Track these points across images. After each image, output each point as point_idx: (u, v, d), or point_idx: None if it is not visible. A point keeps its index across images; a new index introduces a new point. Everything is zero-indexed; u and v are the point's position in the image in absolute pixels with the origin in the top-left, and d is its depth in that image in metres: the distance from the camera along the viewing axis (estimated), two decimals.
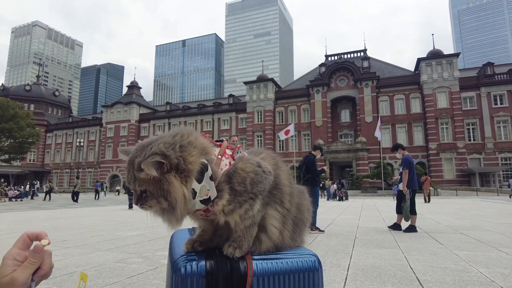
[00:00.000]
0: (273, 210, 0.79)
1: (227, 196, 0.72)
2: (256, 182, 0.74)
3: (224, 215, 0.74)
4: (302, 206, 0.87)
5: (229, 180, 0.73)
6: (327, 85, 48.79)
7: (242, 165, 0.76)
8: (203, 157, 0.72)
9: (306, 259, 0.74)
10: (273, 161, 0.87)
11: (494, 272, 3.21)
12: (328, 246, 4.82)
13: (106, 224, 7.77)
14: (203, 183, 0.71)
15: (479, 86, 42.26)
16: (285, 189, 0.82)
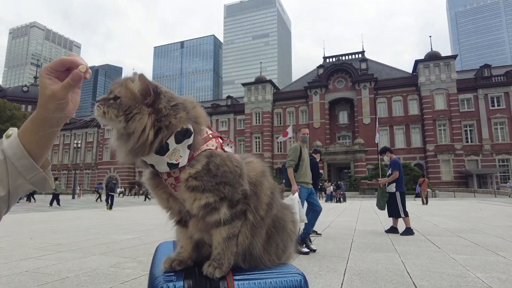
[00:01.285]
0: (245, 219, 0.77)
1: (198, 169, 0.70)
2: (229, 177, 0.72)
3: (187, 190, 0.70)
4: (282, 221, 0.83)
5: (208, 158, 0.72)
6: (325, 86, 48.87)
7: (225, 154, 0.75)
8: (190, 124, 0.71)
9: (291, 278, 0.71)
10: (260, 168, 0.83)
11: (492, 277, 3.19)
12: (325, 249, 4.78)
13: (101, 227, 7.71)
14: (179, 147, 0.70)
15: (477, 88, 42.44)
16: (263, 197, 0.78)
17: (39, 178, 0.62)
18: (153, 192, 0.78)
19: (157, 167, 0.71)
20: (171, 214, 0.81)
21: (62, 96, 0.61)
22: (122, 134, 0.69)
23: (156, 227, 7.74)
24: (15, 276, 3.23)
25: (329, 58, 55.75)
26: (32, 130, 0.62)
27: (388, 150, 6.99)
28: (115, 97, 0.69)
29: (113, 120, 0.68)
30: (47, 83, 0.61)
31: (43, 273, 3.32)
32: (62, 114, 0.63)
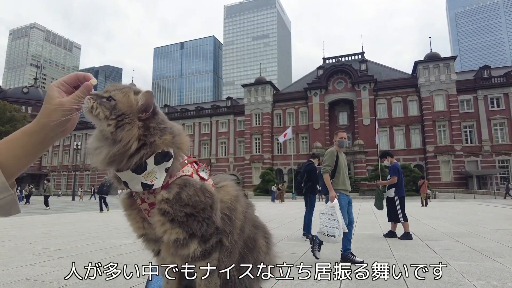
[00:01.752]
0: (220, 244, 0.78)
1: (172, 194, 0.71)
2: (199, 209, 0.72)
3: (158, 213, 0.70)
4: (253, 241, 0.85)
5: (181, 188, 0.72)
6: (325, 88, 48.92)
7: (198, 185, 0.75)
8: (172, 148, 0.72)
9: None
10: (234, 193, 0.85)
11: (487, 285, 3.21)
12: (323, 255, 4.80)
13: (101, 231, 7.73)
14: (156, 168, 0.69)
15: (476, 89, 42.48)
16: (237, 222, 0.81)
17: (8, 201, 0.56)
18: (126, 212, 0.79)
19: (130, 185, 0.71)
20: (147, 244, 0.81)
21: (70, 108, 0.61)
22: (107, 137, 0.68)
23: None
24: (14, 284, 3.25)
25: (328, 59, 55.83)
26: (18, 144, 0.59)
27: (389, 154, 7.03)
28: (109, 97, 0.69)
29: (100, 119, 0.68)
30: (54, 95, 0.62)
31: (42, 281, 3.35)
32: (62, 128, 0.62)
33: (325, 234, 4.26)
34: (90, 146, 0.72)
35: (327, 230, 4.24)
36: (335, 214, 4.26)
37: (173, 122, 0.78)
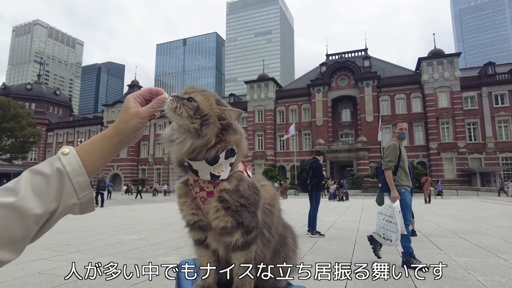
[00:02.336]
0: (261, 235, 0.85)
1: (232, 186, 0.80)
2: (250, 201, 0.81)
3: (217, 200, 0.79)
4: (284, 238, 0.92)
5: (238, 181, 0.81)
6: (328, 84, 48.79)
7: (250, 180, 0.85)
8: (235, 147, 0.82)
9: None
10: (273, 192, 0.93)
11: (492, 281, 3.26)
12: (328, 251, 4.87)
13: (107, 227, 7.83)
14: (224, 161, 0.80)
15: (480, 85, 42.23)
16: (275, 218, 0.89)
17: (88, 199, 0.62)
18: (181, 200, 0.87)
19: (200, 174, 0.80)
20: (194, 232, 0.87)
21: (144, 115, 0.71)
22: (190, 131, 0.78)
23: (161, 227, 7.85)
24: (28, 277, 3.34)
25: (332, 55, 55.61)
26: (97, 147, 0.66)
27: None
28: (190, 99, 0.80)
29: (183, 117, 0.77)
30: (131, 105, 0.71)
31: (55, 275, 3.43)
32: (135, 134, 0.71)
33: (381, 236, 4.07)
34: (168, 136, 0.82)
35: (384, 233, 4.04)
36: (394, 217, 3.95)
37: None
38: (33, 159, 65.66)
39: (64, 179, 0.58)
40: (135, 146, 60.85)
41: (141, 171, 61.33)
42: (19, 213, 0.51)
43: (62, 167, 0.58)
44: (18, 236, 0.52)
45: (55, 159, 0.60)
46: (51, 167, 0.58)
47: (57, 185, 0.57)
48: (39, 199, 0.54)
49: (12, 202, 0.51)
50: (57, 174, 0.57)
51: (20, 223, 0.51)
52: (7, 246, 0.51)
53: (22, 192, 0.53)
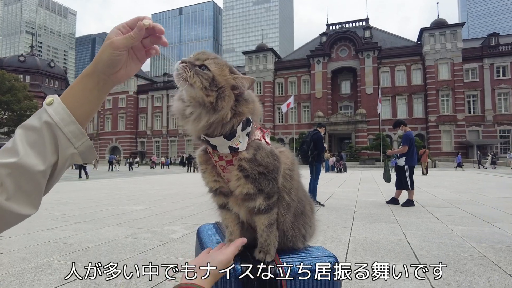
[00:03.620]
0: (281, 199, 0.87)
1: (251, 154, 0.80)
2: (269, 169, 0.81)
3: (237, 169, 0.80)
4: (303, 204, 0.95)
5: (255, 150, 0.81)
6: (328, 55, 47.95)
7: (268, 148, 0.85)
8: (250, 116, 0.81)
9: (327, 261, 0.83)
10: (292, 157, 0.94)
11: (487, 247, 3.39)
12: (329, 220, 5.00)
13: (111, 198, 7.96)
14: (241, 133, 0.79)
15: (483, 57, 41.62)
16: (294, 183, 0.91)
17: (87, 146, 0.60)
18: (202, 167, 0.87)
19: (219, 148, 0.79)
20: (217, 197, 0.89)
21: (118, 45, 0.60)
22: (203, 104, 0.74)
23: (164, 198, 7.99)
24: (40, 246, 3.44)
25: (332, 25, 54.26)
26: (78, 89, 0.60)
27: (402, 123, 7.00)
28: (202, 66, 0.74)
29: (196, 88, 0.72)
30: (111, 36, 0.61)
31: (65, 243, 3.54)
32: (112, 70, 0.62)
33: None
34: (181, 111, 0.78)
35: None
36: None
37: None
38: None
39: (55, 131, 0.56)
40: (133, 118, 60.59)
41: (140, 144, 61.47)
42: (25, 170, 0.53)
43: (50, 118, 0.56)
44: (30, 190, 0.54)
45: (42, 111, 0.57)
46: (39, 120, 0.56)
47: (50, 138, 0.55)
48: (39, 155, 0.54)
49: (15, 161, 0.52)
50: (47, 127, 0.55)
51: (28, 178, 0.53)
52: (24, 200, 0.53)
53: (21, 150, 0.53)
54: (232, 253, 0.77)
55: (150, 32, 0.65)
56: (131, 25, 0.63)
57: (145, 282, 2.40)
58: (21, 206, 0.53)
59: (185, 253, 3.21)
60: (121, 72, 0.64)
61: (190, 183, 13.38)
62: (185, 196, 8.22)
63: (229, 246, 0.80)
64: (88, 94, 0.61)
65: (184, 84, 0.72)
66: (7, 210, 0.52)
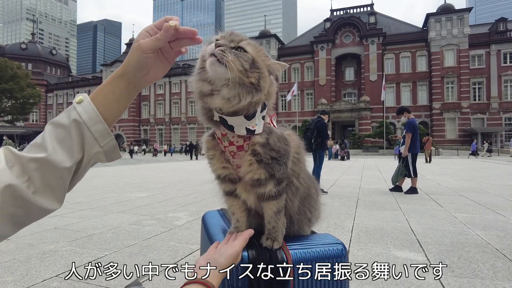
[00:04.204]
0: (290, 183, 0.86)
1: (264, 138, 0.78)
2: (281, 154, 0.79)
3: (251, 154, 0.78)
4: (309, 188, 0.93)
5: (268, 134, 0.80)
6: (332, 41, 47.30)
7: (279, 132, 0.83)
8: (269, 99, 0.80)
9: (334, 247, 0.82)
10: (298, 140, 0.92)
11: (490, 235, 3.39)
12: (332, 207, 5.01)
13: (115, 186, 8.02)
14: (258, 115, 0.77)
15: (490, 43, 40.88)
16: (302, 166, 0.90)
17: (111, 145, 0.61)
18: (210, 153, 0.84)
19: (236, 129, 0.76)
20: (224, 184, 0.87)
21: (145, 48, 0.60)
22: (245, 86, 0.72)
23: (168, 185, 8.04)
24: (46, 232, 3.48)
25: (336, 11, 53.31)
26: (108, 90, 0.61)
27: (406, 110, 6.93)
28: (238, 48, 0.73)
29: (234, 71, 0.69)
30: (139, 39, 0.62)
31: (71, 230, 3.57)
32: (142, 73, 0.62)
33: None
34: (205, 92, 0.75)
35: None
36: None
37: None
38: (35, 121, 65.74)
39: (83, 129, 0.57)
40: (136, 106, 60.56)
41: (143, 132, 61.61)
42: (52, 166, 0.54)
43: (79, 117, 0.57)
44: (56, 186, 0.56)
45: (71, 109, 0.59)
46: (68, 118, 0.57)
47: (77, 135, 0.57)
48: (66, 151, 0.56)
49: (44, 157, 0.54)
50: (75, 125, 0.57)
51: (55, 174, 0.55)
52: (49, 195, 0.55)
53: (49, 147, 0.55)
54: (241, 246, 0.76)
55: (179, 35, 0.64)
56: (159, 26, 0.63)
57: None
58: (47, 201, 0.55)
59: (189, 239, 3.24)
60: (150, 74, 0.64)
61: (193, 170, 13.45)
62: (188, 184, 8.26)
63: (237, 239, 0.79)
64: (118, 95, 0.62)
65: (222, 68, 0.70)
66: (34, 204, 0.53)
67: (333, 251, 0.81)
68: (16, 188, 0.51)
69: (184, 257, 2.71)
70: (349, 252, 2.85)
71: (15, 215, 0.52)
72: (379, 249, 2.90)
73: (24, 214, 0.53)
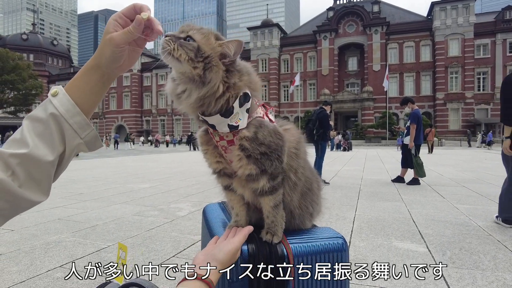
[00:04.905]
0: (287, 178, 0.84)
1: (252, 132, 0.75)
2: (272, 148, 0.77)
3: (239, 149, 0.76)
4: (310, 182, 0.92)
5: (256, 128, 0.76)
6: (335, 31, 46.78)
7: (271, 126, 0.79)
8: (248, 90, 0.75)
9: (334, 241, 0.82)
10: (298, 135, 0.90)
11: (492, 226, 3.39)
12: (334, 198, 5.02)
13: (117, 176, 8.06)
14: (239, 110, 0.74)
15: (495, 32, 40.29)
16: (301, 161, 0.88)
17: (92, 136, 0.61)
18: (203, 148, 0.84)
19: (217, 127, 0.76)
20: (221, 178, 0.86)
21: (119, 42, 0.59)
22: (193, 80, 0.70)
23: (170, 176, 8.07)
24: (50, 223, 3.51)
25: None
26: (83, 82, 0.61)
27: (410, 101, 6.86)
28: (187, 38, 0.70)
29: (183, 61, 0.68)
30: (109, 29, 0.60)
31: (74, 221, 3.61)
32: (116, 65, 0.62)
33: None
34: (172, 90, 0.74)
35: None
36: None
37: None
38: None
39: (61, 122, 0.57)
40: (138, 97, 60.48)
41: (145, 122, 61.65)
42: (35, 161, 0.55)
43: (55, 110, 0.57)
44: (40, 179, 0.56)
45: (47, 102, 0.58)
46: (45, 112, 0.57)
47: (56, 129, 0.57)
48: (47, 146, 0.56)
49: (25, 152, 0.54)
50: (52, 118, 0.57)
51: (38, 168, 0.55)
52: (35, 188, 0.56)
53: (30, 142, 0.55)
54: (240, 242, 0.76)
55: (148, 24, 0.62)
56: (128, 14, 0.61)
57: (153, 259, 2.45)
58: (33, 193, 0.55)
59: (192, 230, 3.26)
60: (123, 63, 0.64)
61: (195, 161, 13.49)
62: (190, 174, 8.29)
63: (236, 235, 0.78)
64: (93, 86, 0.61)
65: (170, 59, 0.69)
66: (21, 197, 0.54)
67: (333, 245, 0.81)
68: (2, 182, 0.51)
69: (187, 247, 2.74)
70: (350, 243, 2.86)
71: (2, 208, 0.53)
72: (381, 240, 2.91)
73: (10, 207, 0.54)
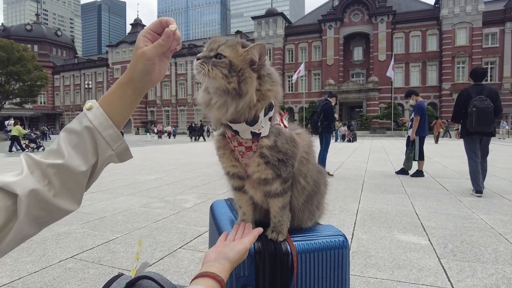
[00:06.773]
0: (296, 182, 0.88)
1: (272, 141, 0.80)
2: (288, 155, 0.81)
3: (258, 156, 0.80)
4: (318, 184, 0.96)
5: (276, 136, 0.81)
6: (340, 20, 46.16)
7: (288, 134, 0.84)
8: (273, 100, 0.79)
9: (336, 239, 0.87)
10: (309, 139, 0.94)
11: (494, 219, 3.42)
12: (337, 190, 5.06)
13: (123, 168, 8.14)
14: (263, 119, 0.78)
15: (505, 20, 39.50)
16: (310, 166, 0.92)
17: (123, 148, 0.65)
18: (220, 152, 0.87)
19: (241, 134, 0.79)
20: (233, 180, 0.90)
21: (150, 56, 0.64)
22: (228, 92, 0.73)
23: (176, 167, 8.16)
24: None
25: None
26: (116, 96, 0.65)
27: (414, 93, 6.84)
28: (218, 55, 0.72)
29: (218, 79, 0.72)
30: (140, 45, 0.65)
31: (83, 213, 3.69)
32: (148, 78, 0.66)
33: None
34: (206, 102, 0.77)
35: None
36: None
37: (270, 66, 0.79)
38: (43, 103, 66.28)
39: (95, 135, 0.61)
40: None
41: (150, 113, 61.83)
42: (70, 171, 0.58)
43: (90, 123, 0.61)
44: (74, 188, 0.60)
45: (82, 115, 0.62)
46: (80, 125, 0.61)
47: (90, 141, 0.61)
48: (81, 157, 0.60)
49: (61, 163, 0.58)
50: (87, 131, 0.61)
51: (72, 178, 0.59)
52: (68, 197, 0.59)
53: (65, 153, 0.59)
54: (250, 243, 0.80)
55: (175, 37, 0.67)
56: (155, 29, 0.66)
57: (160, 251, 2.52)
58: (66, 202, 0.59)
59: (198, 222, 3.33)
60: (154, 76, 0.67)
61: (200, 152, 13.57)
62: (196, 166, 8.37)
63: (247, 236, 0.82)
64: (126, 100, 0.66)
65: (205, 79, 0.72)
66: (55, 206, 0.57)
67: (334, 243, 0.85)
68: (39, 192, 0.55)
69: (193, 239, 2.81)
70: (353, 235, 2.91)
71: (39, 217, 0.56)
72: (383, 233, 2.96)
73: (46, 216, 0.57)
